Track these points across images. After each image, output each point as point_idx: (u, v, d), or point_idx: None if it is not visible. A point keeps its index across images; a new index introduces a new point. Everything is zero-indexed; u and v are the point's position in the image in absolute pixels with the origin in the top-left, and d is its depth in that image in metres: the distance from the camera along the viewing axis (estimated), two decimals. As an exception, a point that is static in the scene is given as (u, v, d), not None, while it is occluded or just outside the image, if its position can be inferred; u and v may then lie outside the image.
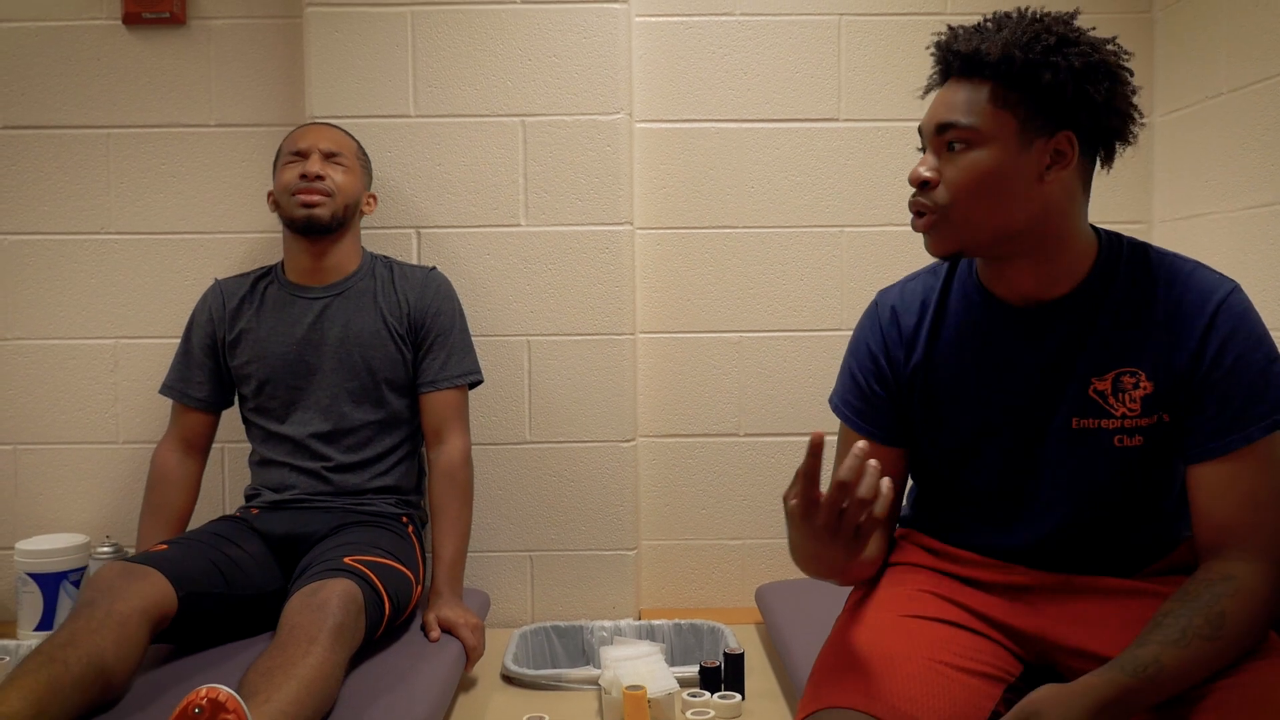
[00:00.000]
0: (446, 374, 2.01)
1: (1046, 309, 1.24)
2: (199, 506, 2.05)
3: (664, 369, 2.33)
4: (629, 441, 2.26)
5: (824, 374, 2.31)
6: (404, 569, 1.80)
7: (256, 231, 2.30)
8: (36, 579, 2.08)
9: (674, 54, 2.30)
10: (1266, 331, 1.19)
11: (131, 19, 2.25)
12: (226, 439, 2.18)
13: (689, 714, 1.68)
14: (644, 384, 2.33)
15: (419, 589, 1.88)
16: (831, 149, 2.31)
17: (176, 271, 2.30)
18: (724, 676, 1.81)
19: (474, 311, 2.17)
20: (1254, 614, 1.09)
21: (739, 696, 1.76)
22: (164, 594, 1.59)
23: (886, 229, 2.31)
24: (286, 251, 2.04)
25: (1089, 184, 1.23)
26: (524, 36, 2.20)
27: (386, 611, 1.70)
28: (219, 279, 2.09)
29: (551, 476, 2.25)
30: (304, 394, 1.96)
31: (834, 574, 1.19)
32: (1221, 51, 2.08)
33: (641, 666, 1.77)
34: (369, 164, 2.10)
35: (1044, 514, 1.26)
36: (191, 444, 2.04)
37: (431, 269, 2.09)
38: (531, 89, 2.20)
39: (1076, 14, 1.20)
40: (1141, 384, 1.20)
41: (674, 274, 2.32)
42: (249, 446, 2.05)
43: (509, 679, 1.91)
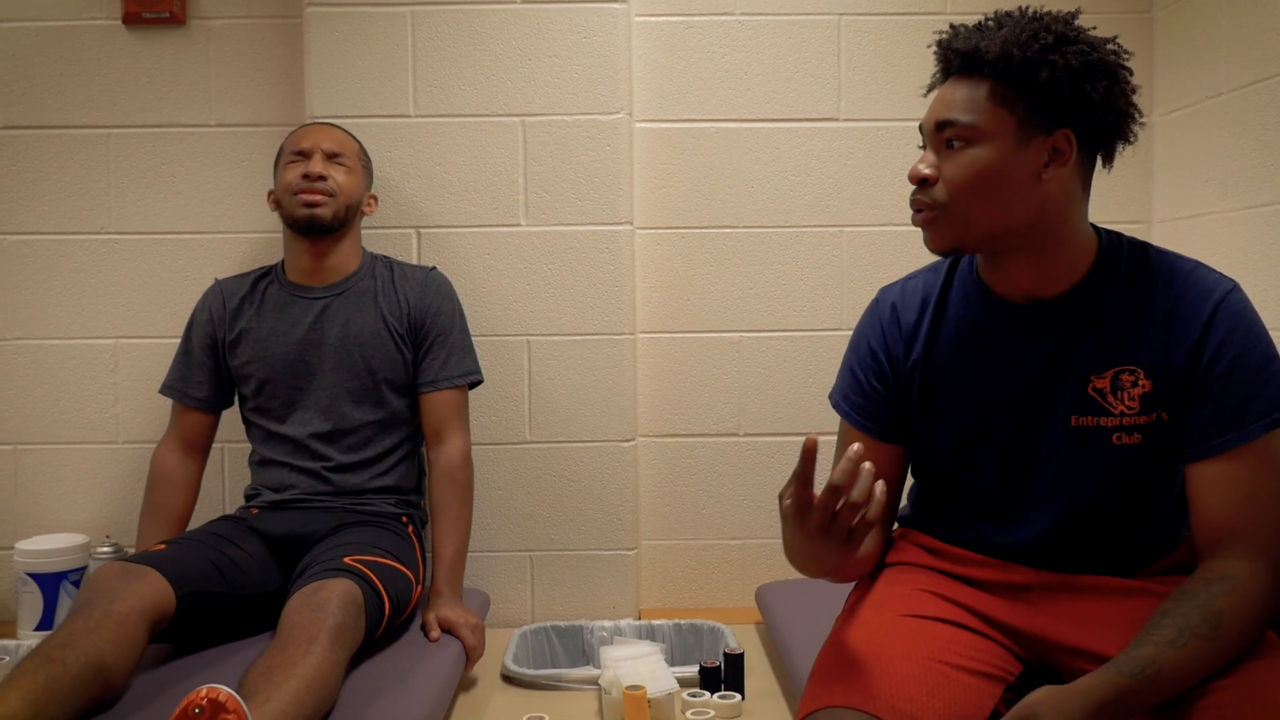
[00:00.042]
0: (446, 374, 2.01)
1: (1046, 307, 1.24)
2: (199, 506, 2.05)
3: (664, 369, 2.33)
4: (629, 441, 2.26)
5: (824, 374, 2.31)
6: (404, 569, 1.80)
7: (256, 231, 2.30)
8: (36, 579, 2.08)
9: (674, 54, 2.30)
10: (1265, 330, 1.19)
11: (131, 19, 2.25)
12: (226, 439, 2.18)
13: (689, 714, 1.68)
14: (644, 384, 2.33)
15: (419, 589, 1.88)
16: (831, 149, 2.31)
17: (176, 271, 2.30)
18: (724, 676, 1.81)
19: (474, 311, 2.17)
20: (1252, 613, 1.09)
21: (739, 696, 1.76)
22: (162, 594, 1.59)
23: (886, 229, 2.31)
24: (287, 251, 2.04)
25: (1089, 182, 1.23)
26: (524, 36, 2.20)
27: (386, 611, 1.70)
28: (219, 279, 2.09)
29: (551, 476, 2.25)
30: (304, 394, 1.96)
31: (827, 573, 1.19)
32: (1221, 51, 2.08)
33: (641, 666, 1.77)
34: (370, 165, 2.10)
35: (1043, 511, 1.26)
36: (191, 444, 2.04)
37: (431, 269, 2.09)
38: (531, 89, 2.20)
39: (1077, 14, 1.21)
40: (1140, 382, 1.20)
41: (674, 274, 2.32)
42: (249, 446, 2.05)
43: (509, 679, 1.91)
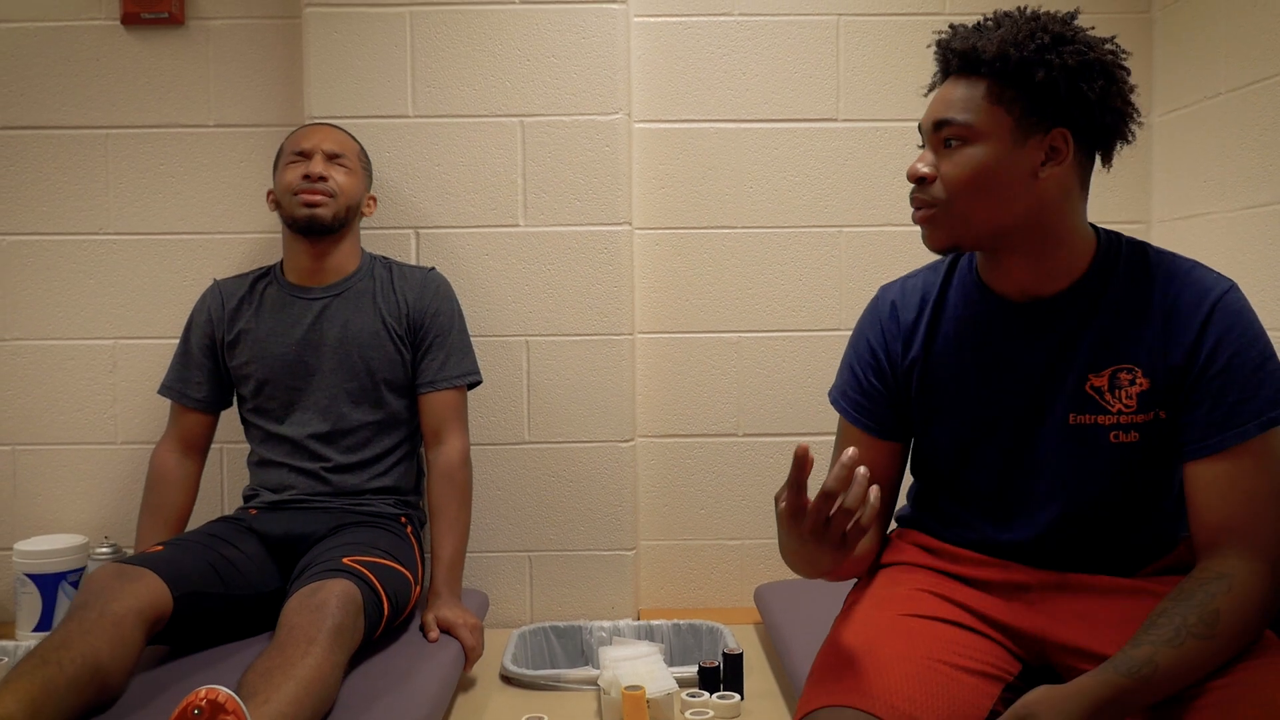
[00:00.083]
0: (445, 374, 2.01)
1: (1044, 305, 1.24)
2: (198, 507, 2.05)
3: (663, 369, 2.33)
4: (628, 442, 2.26)
5: (823, 374, 2.31)
6: (403, 569, 1.80)
7: (255, 232, 2.30)
8: (35, 580, 2.08)
9: (673, 54, 2.30)
10: (1263, 330, 1.19)
11: (130, 19, 2.25)
12: (225, 439, 2.18)
13: (688, 714, 1.68)
14: (643, 384, 2.33)
15: (418, 589, 1.88)
16: (830, 149, 2.31)
17: (175, 272, 2.30)
18: (723, 676, 1.81)
19: (472, 312, 2.17)
20: (1249, 612, 1.09)
21: (738, 696, 1.76)
22: (159, 595, 1.59)
23: (885, 229, 2.31)
24: (286, 252, 2.04)
25: (1087, 181, 1.23)
26: (522, 37, 2.20)
27: (385, 612, 1.70)
28: (218, 279, 2.09)
29: (550, 477, 2.25)
30: (303, 394, 1.96)
31: (821, 574, 1.19)
32: (1220, 52, 2.08)
33: (640, 667, 1.77)
34: (370, 166, 2.10)
35: (1042, 510, 1.26)
36: (190, 444, 2.04)
37: (430, 269, 2.09)
38: (530, 89, 2.20)
39: (1076, 14, 1.21)
40: (1138, 380, 1.20)
41: (673, 274, 2.32)
42: (248, 447, 2.05)
43: (508, 679, 1.91)
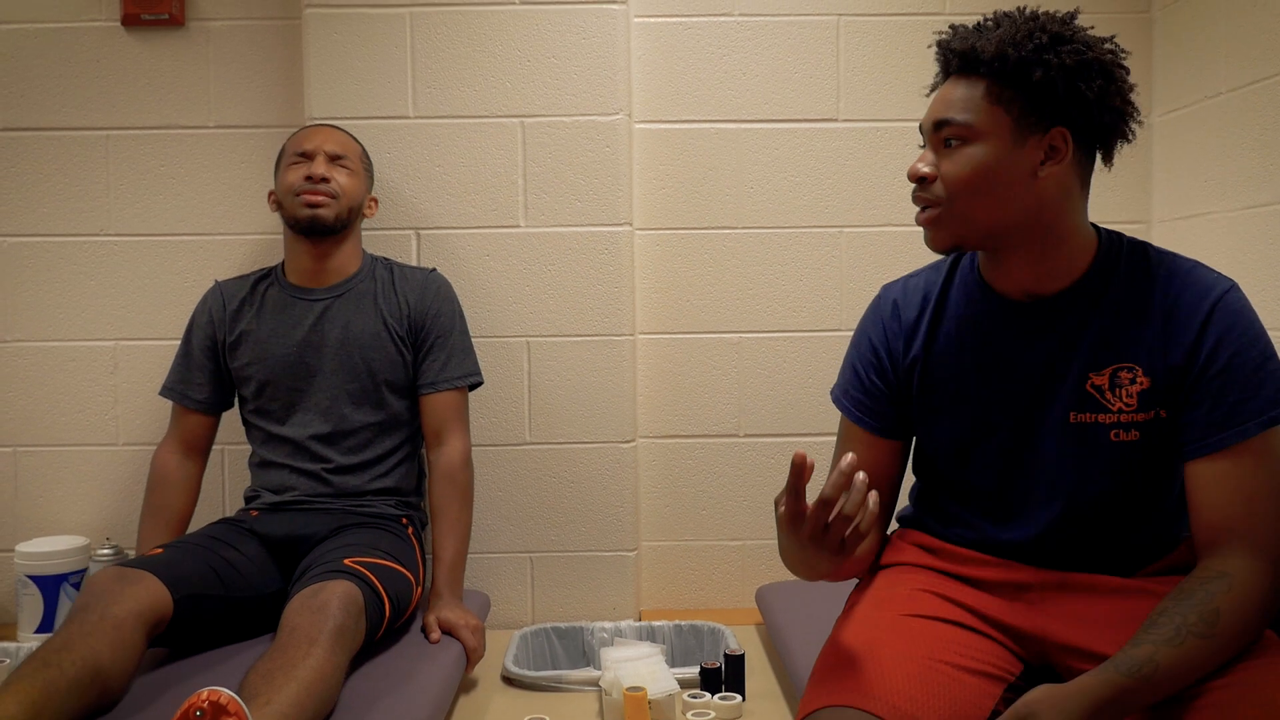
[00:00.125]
0: (446, 375, 2.01)
1: (1045, 303, 1.25)
2: (199, 508, 2.05)
3: (663, 370, 2.33)
4: (629, 442, 2.26)
5: (824, 375, 2.31)
6: (404, 570, 1.80)
7: (256, 233, 2.30)
8: (36, 581, 2.08)
9: (673, 55, 2.30)
10: (1263, 330, 1.19)
11: (130, 20, 2.25)
12: (226, 441, 2.18)
13: (689, 715, 1.68)
14: (643, 385, 2.33)
15: (419, 590, 1.88)
16: (830, 149, 2.31)
17: (176, 273, 2.30)
18: (724, 677, 1.81)
19: (473, 313, 2.17)
20: (1249, 611, 1.09)
21: (739, 697, 1.76)
22: (159, 597, 1.59)
23: (886, 229, 2.31)
24: (288, 253, 2.04)
25: (1087, 180, 1.24)
26: (523, 37, 2.20)
27: (386, 613, 1.70)
28: (219, 280, 2.09)
29: (551, 478, 2.25)
30: (304, 396, 1.96)
31: (821, 577, 1.20)
32: (1220, 51, 2.08)
33: (642, 668, 1.77)
34: (372, 167, 2.10)
35: (1042, 509, 1.26)
36: (192, 446, 2.04)
37: (431, 270, 2.09)
38: (530, 90, 2.20)
39: (1075, 14, 1.22)
40: (1138, 379, 1.20)
41: (673, 275, 2.32)
42: (249, 448, 2.05)
43: (509, 680, 1.91)
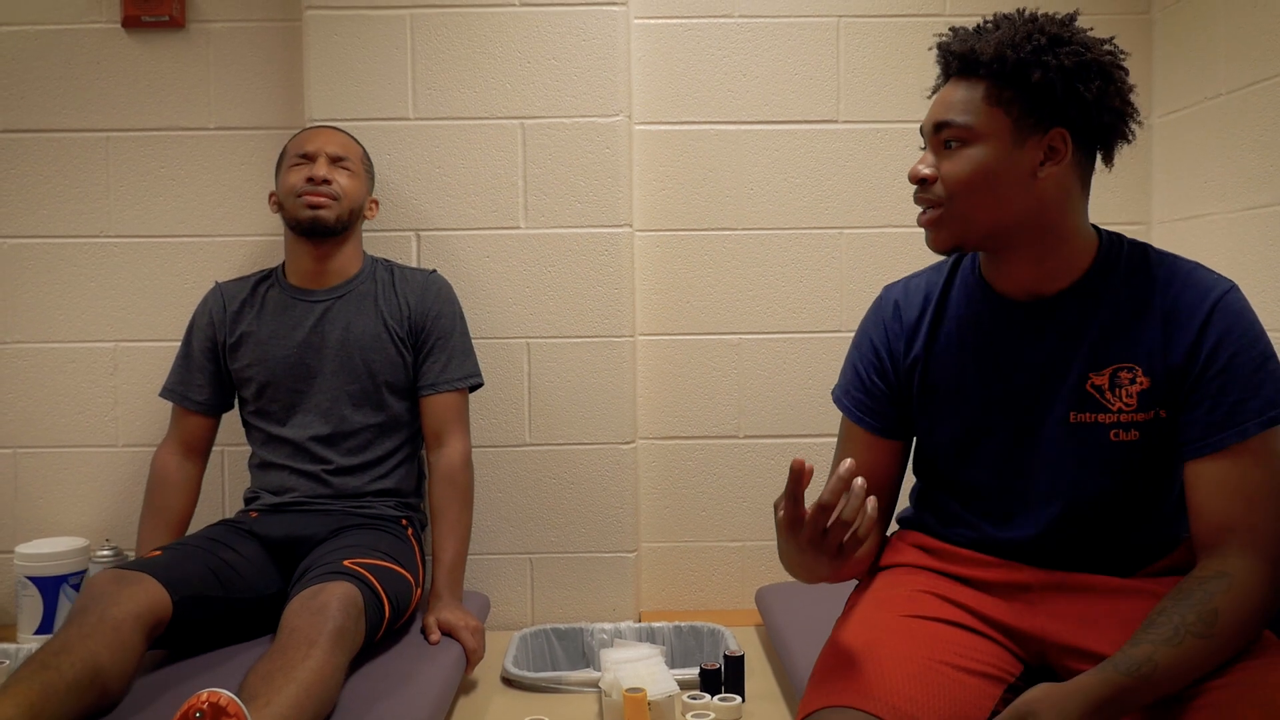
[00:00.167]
0: (447, 377, 2.01)
1: (1046, 303, 1.25)
2: (199, 509, 2.05)
3: (663, 371, 2.33)
4: (629, 444, 2.26)
5: (824, 376, 2.31)
6: (403, 572, 1.80)
7: (257, 234, 2.30)
8: (36, 582, 2.08)
9: (673, 56, 2.30)
10: (1263, 330, 1.20)
11: (131, 22, 2.26)
12: (226, 442, 2.18)
13: (689, 716, 1.68)
14: (643, 386, 2.33)
15: (418, 592, 1.88)
16: (830, 151, 2.31)
17: (176, 275, 2.30)
18: (724, 678, 1.81)
19: (473, 314, 2.17)
20: (1247, 611, 1.09)
21: (739, 698, 1.75)
22: (158, 599, 1.58)
23: (886, 230, 2.31)
24: (288, 254, 2.04)
25: (1087, 181, 1.24)
26: (523, 39, 2.20)
27: (386, 614, 1.70)
28: (219, 282, 2.09)
29: (551, 479, 2.25)
30: (304, 397, 1.96)
31: (820, 580, 1.21)
32: (1220, 53, 2.08)
33: (642, 669, 1.77)
34: (373, 169, 2.10)
35: (1042, 509, 1.26)
36: (192, 447, 2.04)
37: (432, 272, 2.09)
38: (531, 91, 2.21)
39: (1075, 15, 1.22)
40: (1138, 379, 1.21)
41: (673, 276, 2.32)
42: (249, 449, 2.05)
43: (509, 681, 1.91)
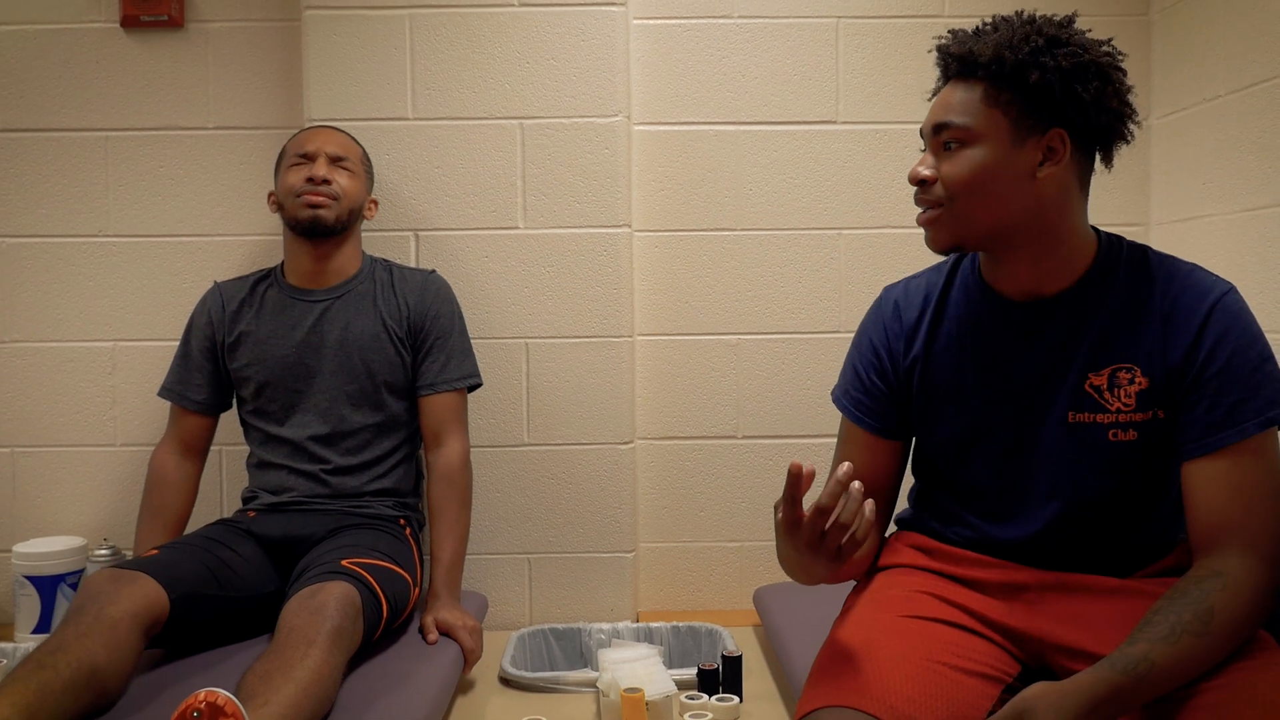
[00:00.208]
0: (446, 377, 2.01)
1: (1045, 304, 1.26)
2: (197, 509, 2.05)
3: (662, 371, 2.33)
4: (627, 444, 2.26)
5: (822, 376, 2.31)
6: (401, 572, 1.80)
7: (255, 234, 2.30)
8: (34, 581, 2.08)
9: (672, 56, 2.30)
10: (1261, 332, 1.20)
11: (129, 22, 2.25)
12: (224, 441, 2.18)
13: (687, 716, 1.68)
14: (642, 386, 2.33)
15: (416, 591, 1.88)
16: (829, 151, 2.31)
17: (175, 274, 2.30)
18: (722, 679, 1.81)
19: (472, 314, 2.16)
20: (1243, 609, 1.09)
21: (737, 699, 1.75)
22: (155, 597, 1.58)
23: (884, 231, 2.31)
24: (287, 254, 2.04)
25: (1086, 182, 1.25)
26: (522, 39, 2.20)
27: (384, 614, 1.70)
28: (218, 281, 2.09)
29: (549, 479, 2.25)
30: (303, 397, 1.96)
31: (819, 582, 1.21)
32: (1219, 54, 2.09)
33: (639, 669, 1.77)
34: (372, 169, 2.10)
35: (1040, 507, 1.26)
36: (190, 446, 2.04)
37: (431, 272, 2.09)
38: (530, 91, 2.20)
39: (1074, 17, 1.23)
40: (1137, 379, 1.21)
41: (672, 276, 2.32)
42: (247, 449, 2.05)
43: (507, 681, 1.91)
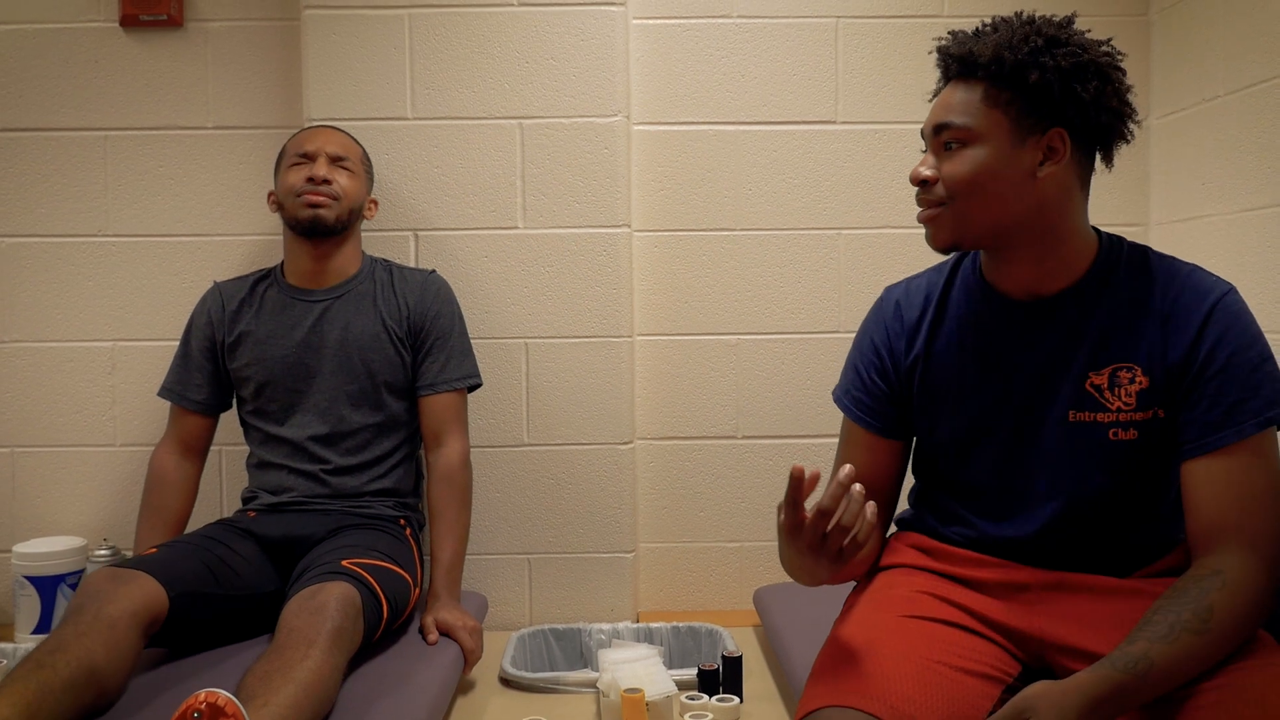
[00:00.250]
0: (446, 377, 2.01)
1: (1046, 303, 1.26)
2: (196, 509, 2.05)
3: (662, 371, 2.33)
4: (627, 444, 2.26)
5: (822, 376, 2.31)
6: (401, 572, 1.80)
7: (255, 234, 2.30)
8: (34, 582, 2.07)
9: (672, 56, 2.30)
10: (1260, 332, 1.21)
11: (129, 21, 2.25)
12: (224, 441, 2.18)
13: (687, 717, 1.68)
14: (642, 386, 2.33)
15: (416, 592, 1.88)
16: (829, 151, 2.31)
17: (174, 274, 2.29)
18: (722, 679, 1.81)
19: (471, 314, 2.16)
20: (1242, 608, 1.10)
21: (737, 699, 1.75)
22: (153, 596, 1.58)
23: (884, 231, 2.32)
24: (287, 254, 2.04)
25: (1087, 181, 1.25)
26: (522, 39, 2.20)
27: (384, 614, 1.70)
28: (218, 281, 2.09)
29: (549, 479, 2.25)
30: (303, 397, 1.96)
31: (820, 583, 1.21)
32: (1218, 54, 2.09)
33: (640, 669, 1.77)
34: (372, 169, 2.10)
35: (1040, 506, 1.27)
36: (190, 446, 2.04)
37: (431, 272, 2.09)
38: (529, 91, 2.20)
39: (1073, 18, 1.24)
40: (1137, 379, 1.21)
41: (671, 276, 2.32)
42: (247, 449, 2.05)
43: (507, 682, 1.91)
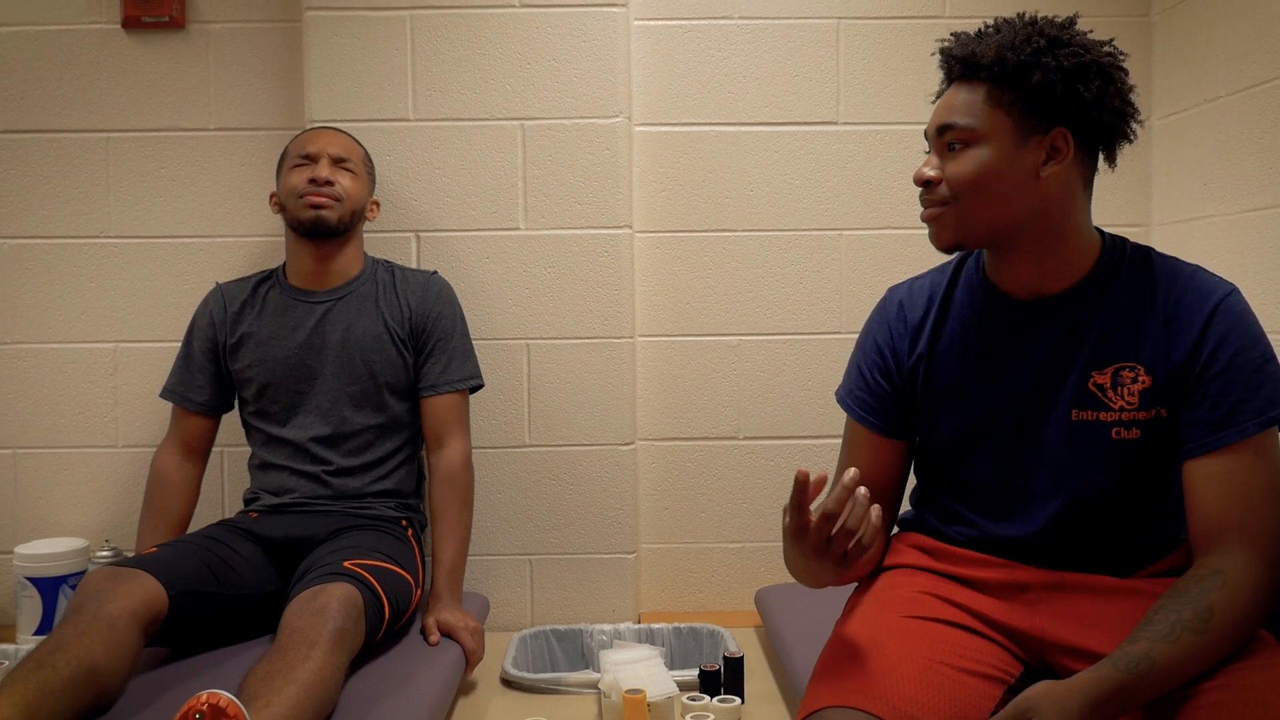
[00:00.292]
0: (447, 378, 2.01)
1: (1049, 303, 1.26)
2: (198, 510, 2.05)
3: (663, 372, 2.33)
4: (628, 445, 2.26)
5: (823, 377, 2.31)
6: (403, 573, 1.80)
7: (257, 235, 2.30)
8: (36, 583, 2.08)
9: (673, 57, 2.30)
10: (1263, 333, 1.21)
11: (131, 23, 2.26)
12: (226, 442, 2.18)
13: (688, 717, 1.68)
14: (643, 387, 2.33)
15: (418, 593, 1.88)
16: (830, 152, 2.31)
17: (176, 275, 2.30)
18: (723, 680, 1.81)
19: (473, 315, 2.17)
20: (1242, 608, 1.10)
21: (739, 700, 1.75)
22: (153, 595, 1.58)
23: (885, 232, 2.32)
24: (289, 255, 2.04)
25: (1090, 181, 1.26)
26: (523, 40, 2.20)
27: (386, 615, 1.70)
28: (220, 283, 2.09)
29: (551, 480, 2.25)
30: (305, 398, 1.96)
31: (824, 585, 1.22)
32: (1219, 55, 2.09)
33: (641, 670, 1.77)
34: (374, 170, 2.10)
35: (1042, 505, 1.27)
36: (192, 448, 2.04)
37: (433, 273, 2.09)
38: (530, 92, 2.21)
39: (1075, 19, 1.24)
40: (1140, 378, 1.22)
41: (673, 277, 2.32)
42: (248, 450, 2.05)
43: (508, 683, 1.91)
